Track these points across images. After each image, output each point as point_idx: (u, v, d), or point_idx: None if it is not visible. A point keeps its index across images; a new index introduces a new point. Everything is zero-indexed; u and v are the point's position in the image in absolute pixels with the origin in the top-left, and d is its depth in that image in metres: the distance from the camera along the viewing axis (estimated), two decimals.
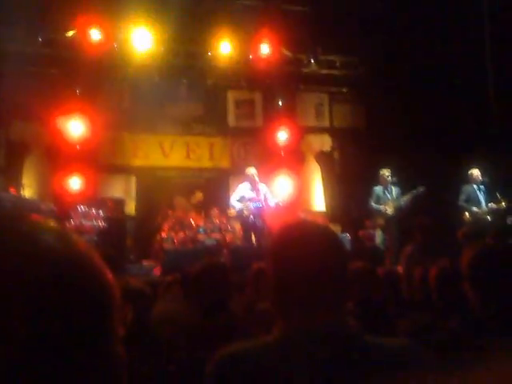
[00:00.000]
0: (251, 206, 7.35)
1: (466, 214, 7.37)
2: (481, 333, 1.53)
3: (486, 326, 1.58)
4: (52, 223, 0.53)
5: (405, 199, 7.43)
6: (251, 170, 7.47)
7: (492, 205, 7.27)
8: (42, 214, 0.56)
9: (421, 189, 7.37)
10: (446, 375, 0.64)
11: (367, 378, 0.95)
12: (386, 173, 7.60)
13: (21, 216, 0.53)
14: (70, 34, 8.85)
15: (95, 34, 8.75)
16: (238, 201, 7.48)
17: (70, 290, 0.48)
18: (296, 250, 1.10)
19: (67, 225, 6.94)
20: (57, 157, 8.68)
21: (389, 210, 7.48)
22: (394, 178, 7.57)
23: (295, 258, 1.09)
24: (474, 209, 7.33)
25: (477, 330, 1.58)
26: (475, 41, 7.19)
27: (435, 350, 1.55)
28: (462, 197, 7.48)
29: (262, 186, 7.47)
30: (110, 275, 0.53)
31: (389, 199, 7.53)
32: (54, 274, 0.48)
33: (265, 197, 7.42)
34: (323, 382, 0.99)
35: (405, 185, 7.64)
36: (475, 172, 7.46)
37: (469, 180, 7.52)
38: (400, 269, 4.93)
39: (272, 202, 7.46)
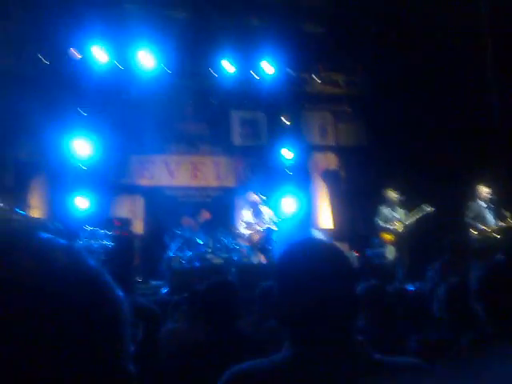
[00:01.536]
0: (260, 231, 7.47)
1: (473, 231, 7.33)
2: (491, 350, 1.52)
3: (496, 343, 1.57)
4: (61, 240, 0.54)
5: (412, 219, 7.42)
6: (251, 196, 7.60)
7: (499, 222, 7.23)
8: (49, 233, 0.57)
9: (428, 208, 7.35)
10: None
11: None
12: (393, 194, 7.61)
13: (31, 233, 0.54)
14: (77, 54, 8.97)
15: (101, 55, 8.88)
16: (245, 228, 7.63)
17: (82, 307, 0.49)
18: (303, 268, 1.10)
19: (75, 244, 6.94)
20: (63, 177, 8.75)
21: (396, 229, 7.47)
22: (401, 198, 7.57)
23: (302, 276, 1.09)
24: (482, 226, 7.28)
25: (487, 347, 1.57)
26: (478, 60, 7.24)
27: (445, 367, 1.54)
28: (469, 214, 7.44)
29: (264, 209, 7.59)
30: (119, 292, 0.54)
31: (395, 218, 7.52)
32: (65, 290, 0.48)
33: (270, 219, 7.52)
34: None
35: (411, 204, 7.62)
36: (483, 189, 7.43)
37: (476, 197, 7.48)
38: (410, 287, 4.92)
39: (278, 222, 7.53)
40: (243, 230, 7.58)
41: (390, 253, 7.68)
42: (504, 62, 7.20)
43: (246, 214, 7.64)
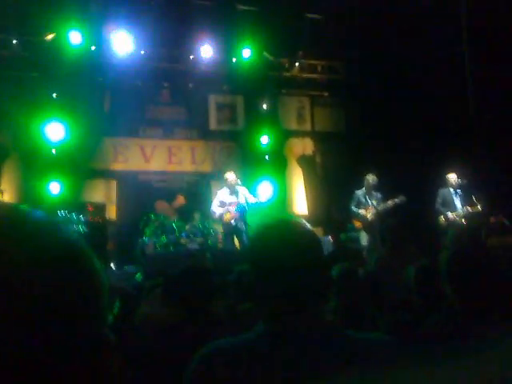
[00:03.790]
0: (232, 209, 7.39)
1: (442, 217, 7.51)
2: (459, 328, 1.57)
3: (463, 322, 1.62)
4: (39, 212, 0.55)
5: (385, 206, 7.52)
6: (229, 175, 7.54)
7: (468, 208, 7.41)
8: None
9: (402, 198, 7.46)
10: (417, 371, 0.67)
11: (344, 370, 0.97)
12: (371, 177, 7.68)
13: (10, 206, 0.55)
14: (49, 37, 8.76)
15: (75, 37, 8.67)
16: (218, 206, 7.53)
17: (63, 274, 0.50)
18: (276, 248, 1.12)
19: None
20: (36, 161, 8.57)
21: (368, 215, 7.57)
22: (376, 183, 7.66)
23: (276, 255, 1.11)
24: (449, 213, 7.46)
25: (455, 326, 1.62)
26: (454, 44, 7.34)
27: (413, 345, 1.58)
28: (439, 200, 7.61)
29: (241, 189, 7.53)
30: (98, 262, 0.55)
31: (369, 204, 7.62)
32: (49, 258, 0.50)
33: (245, 199, 7.47)
34: (303, 373, 1.01)
35: (384, 189, 7.73)
36: (452, 176, 7.59)
37: (445, 184, 7.64)
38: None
39: (253, 204, 7.50)
40: (216, 208, 7.52)
41: (363, 237, 7.80)
42: (479, 53, 7.33)
43: (222, 193, 7.59)
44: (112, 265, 7.82)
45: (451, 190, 7.59)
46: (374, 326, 2.30)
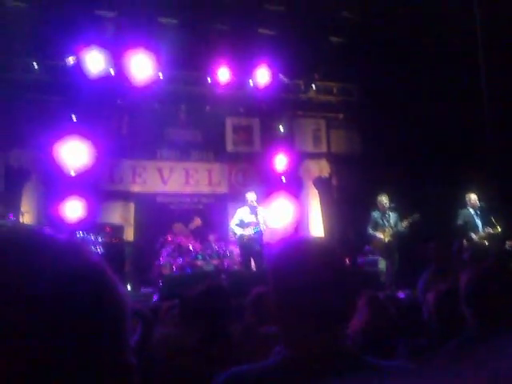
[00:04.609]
0: (251, 230, 7.39)
1: (463, 238, 7.40)
2: (477, 352, 1.54)
3: (483, 347, 1.58)
4: (63, 236, 0.55)
5: (402, 226, 7.46)
6: (251, 195, 7.55)
7: (488, 229, 7.30)
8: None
9: (416, 216, 7.40)
10: None
11: None
12: (383, 199, 7.64)
13: (35, 230, 0.55)
14: (69, 60, 8.97)
15: (95, 61, 8.87)
16: (237, 225, 7.55)
17: (88, 301, 0.50)
18: (297, 268, 1.10)
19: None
20: (55, 183, 8.71)
21: (386, 237, 7.50)
22: (392, 204, 7.62)
23: (296, 276, 1.09)
24: (471, 233, 7.35)
25: (473, 350, 1.59)
26: (471, 67, 7.33)
27: (433, 372, 1.55)
28: (459, 221, 7.51)
29: (261, 211, 7.53)
30: (121, 286, 0.55)
31: (386, 225, 7.55)
32: (71, 286, 0.50)
33: (263, 221, 7.46)
34: None
35: (402, 210, 7.67)
36: (472, 197, 7.51)
37: (466, 204, 7.56)
38: (401, 294, 4.94)
39: (270, 227, 7.50)
40: (235, 227, 7.54)
41: (381, 260, 7.72)
42: (499, 72, 7.30)
43: (242, 212, 7.60)
44: (128, 286, 7.84)
45: (471, 210, 7.49)
46: (392, 351, 2.26)
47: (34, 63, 8.93)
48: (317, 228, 10.36)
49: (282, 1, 8.90)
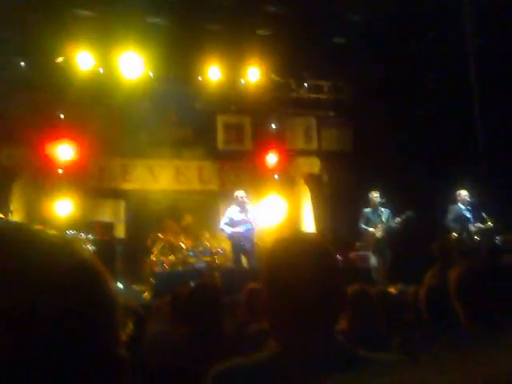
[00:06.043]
0: (241, 228, 7.39)
1: (453, 233, 7.45)
2: (469, 346, 1.56)
3: (472, 341, 1.60)
4: (55, 233, 0.55)
5: (395, 222, 7.50)
6: (240, 193, 7.54)
7: (479, 225, 7.36)
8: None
9: (409, 213, 7.45)
10: None
11: None
12: (374, 195, 7.69)
13: (24, 227, 0.55)
14: (59, 59, 8.91)
15: (84, 60, 8.81)
16: (227, 224, 7.53)
17: (80, 296, 0.50)
18: (289, 264, 1.10)
19: None
20: (45, 181, 8.65)
21: (378, 232, 7.54)
22: (384, 200, 7.66)
23: (289, 272, 1.09)
24: (461, 229, 7.41)
25: (464, 346, 1.60)
26: (461, 62, 7.38)
27: (425, 365, 1.56)
28: (450, 217, 7.57)
29: (251, 208, 7.53)
30: (112, 281, 0.55)
31: (378, 221, 7.60)
32: (62, 281, 0.50)
33: (254, 219, 7.47)
34: None
35: (394, 206, 7.72)
36: (463, 192, 7.57)
37: (456, 200, 7.61)
38: (392, 289, 4.97)
39: (262, 224, 7.50)
40: (225, 226, 7.52)
41: (373, 256, 7.76)
42: (488, 72, 7.36)
43: (232, 211, 7.58)
44: (120, 283, 7.81)
45: (462, 206, 7.55)
46: (385, 346, 2.28)
47: (21, 62, 8.84)
48: (308, 225, 10.39)
49: (274, 0, 8.89)
